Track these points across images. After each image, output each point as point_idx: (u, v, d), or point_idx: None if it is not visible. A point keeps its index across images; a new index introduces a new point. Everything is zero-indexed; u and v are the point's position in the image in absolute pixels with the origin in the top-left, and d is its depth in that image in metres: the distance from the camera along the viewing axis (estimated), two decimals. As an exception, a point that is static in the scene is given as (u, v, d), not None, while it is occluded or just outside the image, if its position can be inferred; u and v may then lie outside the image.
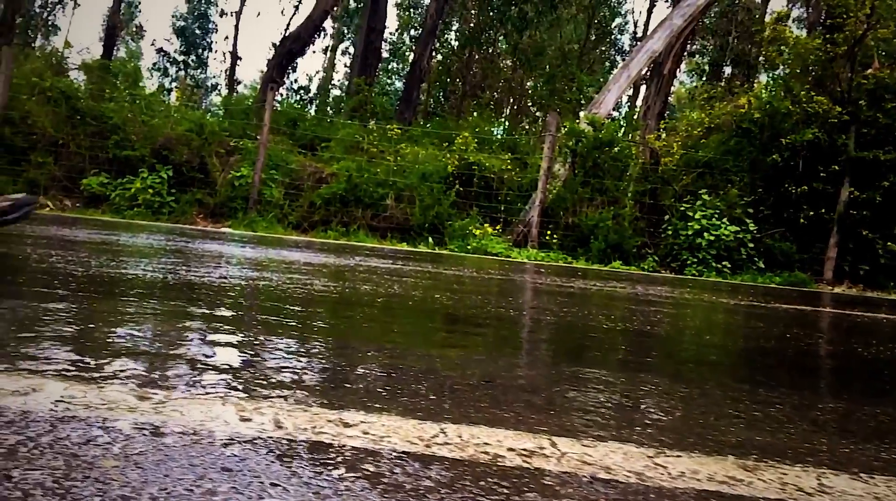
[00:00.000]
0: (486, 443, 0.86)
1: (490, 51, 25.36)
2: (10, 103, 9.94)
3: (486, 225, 10.21)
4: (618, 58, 28.60)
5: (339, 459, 0.74)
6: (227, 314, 1.70)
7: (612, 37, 28.37)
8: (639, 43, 21.83)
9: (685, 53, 19.95)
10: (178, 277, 2.38)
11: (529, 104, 27.55)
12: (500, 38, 24.02)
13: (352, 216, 10.66)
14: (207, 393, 0.95)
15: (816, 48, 11.10)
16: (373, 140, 12.22)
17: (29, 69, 11.30)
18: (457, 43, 25.00)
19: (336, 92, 26.50)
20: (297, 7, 24.44)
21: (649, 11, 26.70)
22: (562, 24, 24.60)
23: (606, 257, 10.10)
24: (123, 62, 15.61)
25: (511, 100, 27.68)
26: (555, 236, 10.35)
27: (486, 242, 9.90)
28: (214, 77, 30.06)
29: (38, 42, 24.45)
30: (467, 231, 10.06)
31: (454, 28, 25.82)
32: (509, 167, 11.50)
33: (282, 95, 19.82)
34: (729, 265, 10.27)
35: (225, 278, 2.56)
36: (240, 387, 1.00)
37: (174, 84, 25.79)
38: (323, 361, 1.26)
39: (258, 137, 11.18)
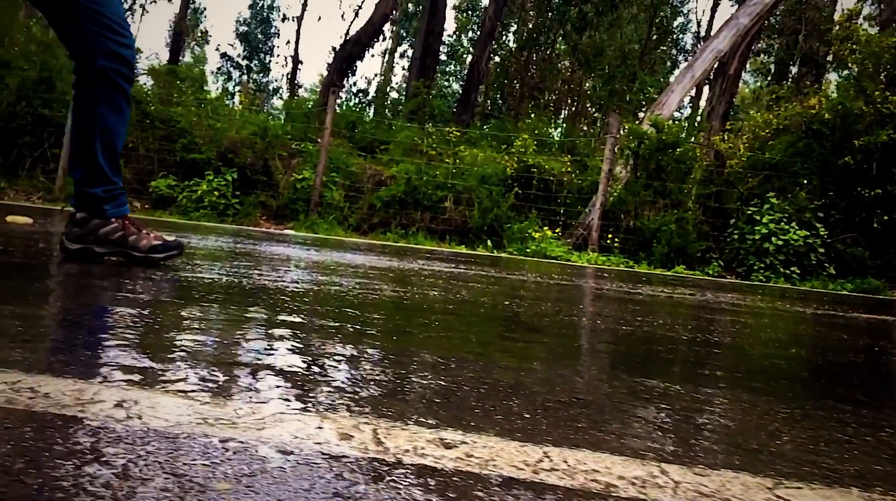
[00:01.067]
0: (595, 470, 0.82)
1: (548, 52, 25.17)
2: (83, 108, 10.21)
3: (545, 228, 10.10)
4: (680, 58, 28.07)
5: (450, 485, 0.71)
6: (306, 321, 1.69)
7: (674, 36, 27.83)
8: (703, 43, 21.37)
9: (750, 53, 19.44)
10: (253, 281, 2.40)
11: (588, 105, 27.24)
12: (559, 38, 23.82)
13: (411, 219, 10.69)
14: (302, 408, 0.93)
15: (891, 46, 10.67)
16: (431, 142, 12.24)
17: (101, 75, 11.60)
18: (515, 44, 24.88)
19: (394, 95, 26.69)
20: (357, 12, 24.69)
21: (713, 10, 26.14)
22: (622, 24, 24.25)
23: (669, 262, 9.89)
24: (189, 67, 16.01)
25: (569, 101, 27.43)
26: (615, 239, 10.18)
27: (545, 245, 9.80)
28: (276, 81, 30.62)
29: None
30: (526, 234, 9.98)
31: (512, 30, 25.74)
32: (569, 169, 11.36)
33: (341, 98, 20.06)
34: (798, 271, 9.94)
35: (297, 282, 2.57)
36: (331, 401, 0.98)
37: (237, 88, 26.37)
38: (409, 373, 1.24)
39: (319, 140, 11.32)
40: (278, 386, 1.04)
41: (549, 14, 21.85)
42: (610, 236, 10.16)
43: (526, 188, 10.86)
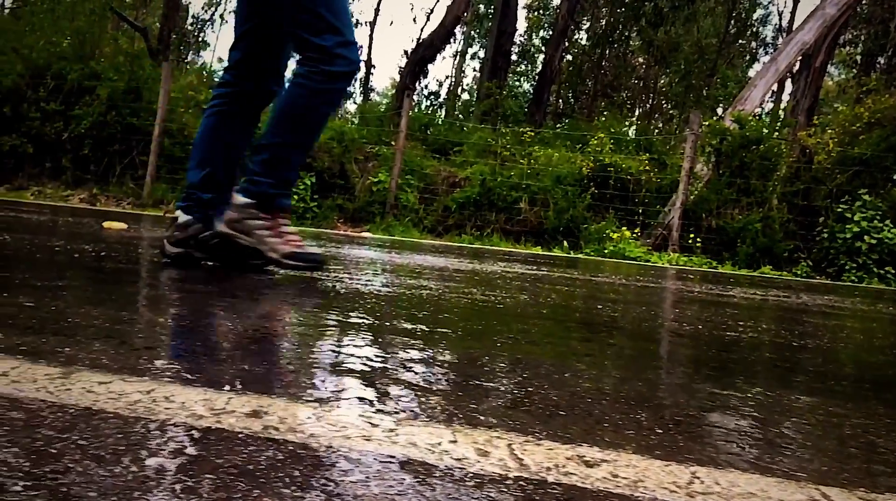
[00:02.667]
0: (751, 493, 0.76)
1: (622, 49, 24.73)
2: (168, 116, 10.62)
3: (623, 228, 9.90)
4: (760, 51, 27.13)
5: (605, 509, 0.67)
6: (408, 326, 1.68)
7: (754, 29, 26.92)
8: (785, 35, 20.59)
9: (837, 44, 18.63)
10: (346, 285, 2.41)
11: (663, 102, 26.64)
12: (633, 34, 23.37)
13: (486, 220, 10.65)
14: (430, 418, 0.90)
15: None
16: (505, 143, 12.17)
17: (184, 83, 12.05)
18: (588, 42, 24.55)
19: (465, 96, 26.70)
20: (429, 15, 24.80)
21: (795, 1, 25.12)
22: (699, 18, 23.61)
23: (755, 262, 9.55)
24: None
25: (643, 98, 26.88)
26: (697, 239, 9.89)
27: (623, 245, 9.61)
28: (350, 85, 31.03)
29: (190, 57, 26.14)
30: (604, 235, 9.80)
31: (584, 27, 25.38)
32: (646, 168, 11.10)
33: (413, 100, 20.17)
34: (893, 271, 9.45)
35: (388, 286, 2.57)
36: (458, 412, 0.95)
37: (312, 93, 26.85)
38: (524, 382, 1.20)
39: (393, 143, 11.40)
40: (399, 395, 1.01)
41: (623, 10, 21.47)
42: (691, 235, 9.88)
43: (602, 188, 10.67)
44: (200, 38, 27.65)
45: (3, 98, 10.75)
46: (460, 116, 20.14)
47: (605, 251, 9.33)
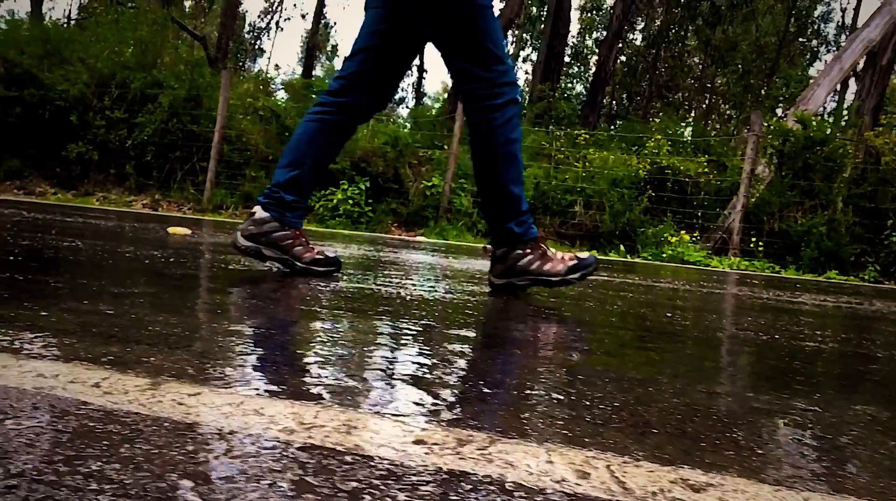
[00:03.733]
0: (875, 524, 0.71)
1: (678, 48, 24.29)
2: (227, 122, 10.83)
3: (681, 232, 9.70)
4: (822, 49, 26.33)
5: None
6: (476, 335, 1.65)
7: (815, 27, 26.13)
8: (849, 32, 19.92)
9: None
10: (409, 292, 2.39)
11: (720, 103, 26.07)
12: (690, 34, 22.93)
13: (540, 224, 10.56)
14: (519, 436, 0.88)
15: None
16: (559, 146, 12.05)
17: (242, 90, 12.28)
18: (643, 43, 24.18)
19: (517, 99, 26.57)
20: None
21: (860, -4, 24.29)
22: (758, 17, 23.04)
23: (819, 267, 9.25)
24: (322, 80, 16.60)
25: (700, 99, 26.32)
26: (759, 243, 9.63)
27: (681, 249, 9.42)
28: (401, 90, 31.27)
29: (246, 65, 26.67)
30: (662, 238, 9.62)
31: (639, 27, 25.02)
32: (705, 170, 10.86)
33: (466, 104, 20.14)
34: (967, 276, 9.03)
35: (451, 292, 2.55)
36: (547, 429, 0.92)
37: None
38: (607, 396, 1.16)
39: (446, 146, 11.40)
40: (482, 410, 0.99)
41: (679, 10, 21.09)
42: (752, 239, 9.62)
43: (659, 191, 10.49)
44: (256, 46, 28.18)
45: (70, 107, 11.13)
46: (512, 119, 20.03)
47: (664, 255, 9.15)
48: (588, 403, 1.09)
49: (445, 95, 22.96)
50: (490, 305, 2.30)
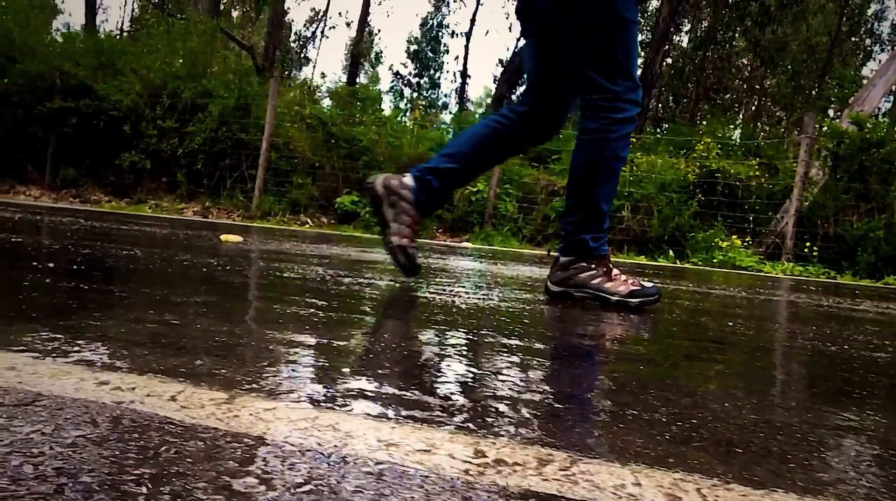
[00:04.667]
0: None
1: (726, 50, 23.85)
2: (275, 130, 10.98)
3: (733, 236, 9.50)
4: (875, 48, 25.58)
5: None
6: (536, 345, 1.62)
7: (868, 26, 25.40)
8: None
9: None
10: (464, 300, 2.38)
11: (770, 104, 25.51)
12: (738, 35, 22.50)
13: (587, 229, 10.41)
14: (600, 456, 0.85)
15: None
16: (606, 150, 11.85)
17: (289, 98, 12.44)
18: (690, 44, 23.81)
19: (561, 103, 26.40)
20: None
21: (916, -8, 23.55)
22: (808, 16, 22.50)
23: (877, 272, 8.96)
24: (366, 87, 16.74)
25: (749, 101, 25.80)
26: (814, 247, 9.37)
27: (733, 254, 9.22)
28: (445, 96, 31.40)
29: (293, 73, 27.04)
30: (712, 243, 9.43)
31: (685, 29, 24.66)
32: (756, 173, 10.63)
33: (509, 109, 20.08)
34: None
35: (507, 301, 2.52)
36: (627, 448, 0.89)
37: (408, 105, 27.30)
38: (688, 413, 1.12)
39: (492, 152, 11.33)
40: (562, 427, 0.96)
41: (727, 10, 20.71)
42: (806, 244, 9.38)
43: (709, 195, 10.29)
44: (302, 55, 28.59)
45: (123, 117, 11.41)
46: (556, 123, 19.88)
47: (715, 261, 8.97)
48: (664, 419, 1.06)
49: (489, 100, 22.92)
50: (547, 314, 2.26)
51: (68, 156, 12.11)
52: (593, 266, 2.56)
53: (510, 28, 44.08)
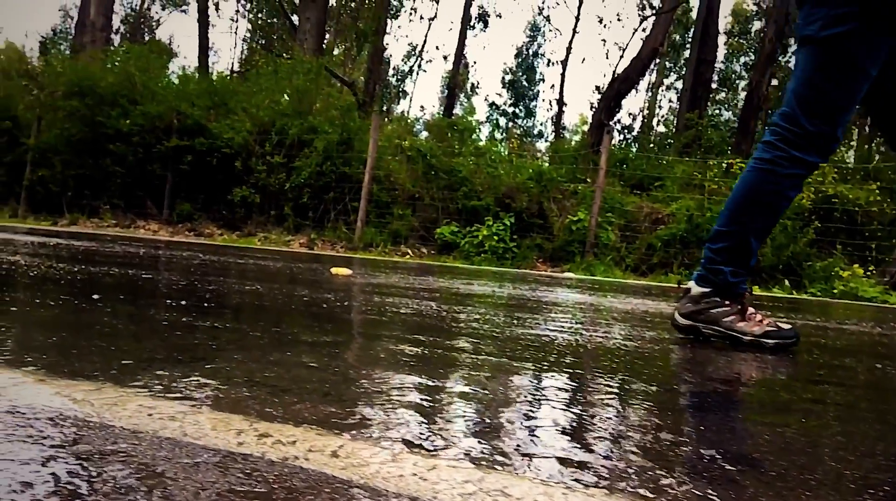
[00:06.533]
0: None
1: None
2: (376, 164, 11.22)
3: (854, 265, 8.96)
4: None
5: None
6: (678, 390, 1.54)
7: None
8: None
9: None
10: (587, 339, 2.31)
11: (887, 124, 24.07)
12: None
13: (694, 258, 10.11)
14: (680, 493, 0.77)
15: None
16: (712, 176, 11.54)
17: (389, 131, 12.72)
18: (797, 64, 22.86)
19: (660, 128, 25.89)
20: (623, 50, 24.52)
21: None
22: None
23: None
24: (462, 118, 16.92)
25: (862, 121, 24.45)
26: (947, 277, 8.70)
27: (855, 284, 8.67)
28: (540, 125, 31.38)
29: (392, 107, 27.69)
30: (832, 273, 8.92)
31: (791, 49, 23.71)
32: (877, 198, 10.01)
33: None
34: None
35: (631, 339, 2.44)
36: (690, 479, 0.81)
37: (504, 134, 27.43)
38: (878, 477, 1.02)
39: (589, 180, 11.22)
40: (717, 484, 0.89)
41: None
42: (937, 273, 8.72)
43: (826, 221, 9.76)
44: (400, 89, 29.32)
45: (235, 154, 11.96)
46: (656, 149, 19.50)
47: (835, 291, 8.47)
48: (852, 485, 0.97)
49: (585, 128, 22.73)
50: (678, 354, 2.17)
51: (184, 192, 12.79)
52: (727, 303, 2.38)
53: (607, 54, 43.72)
